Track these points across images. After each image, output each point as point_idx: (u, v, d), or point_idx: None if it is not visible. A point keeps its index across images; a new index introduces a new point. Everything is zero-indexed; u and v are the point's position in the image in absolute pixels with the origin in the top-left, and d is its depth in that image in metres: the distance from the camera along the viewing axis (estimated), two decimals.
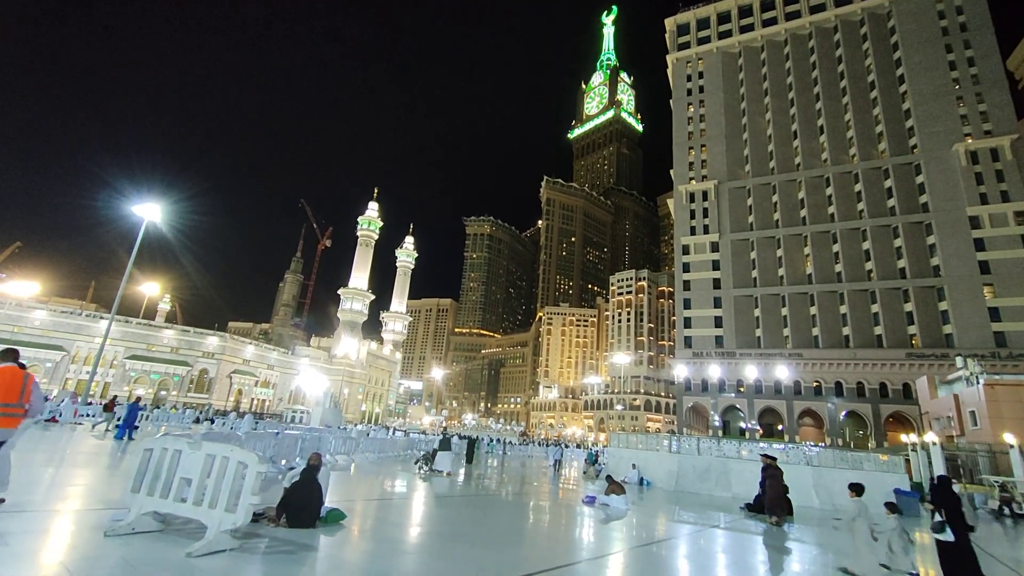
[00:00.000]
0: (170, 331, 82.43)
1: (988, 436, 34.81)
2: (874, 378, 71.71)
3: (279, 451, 15.13)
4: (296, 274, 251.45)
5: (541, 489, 18.75)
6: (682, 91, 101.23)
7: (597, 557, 8.01)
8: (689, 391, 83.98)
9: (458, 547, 7.60)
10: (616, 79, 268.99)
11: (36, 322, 70.76)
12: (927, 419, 51.05)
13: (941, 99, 77.36)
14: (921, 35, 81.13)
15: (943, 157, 74.87)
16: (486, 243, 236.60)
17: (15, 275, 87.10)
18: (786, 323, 79.85)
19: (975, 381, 39.10)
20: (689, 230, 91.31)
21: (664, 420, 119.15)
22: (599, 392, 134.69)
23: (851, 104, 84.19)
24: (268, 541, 6.48)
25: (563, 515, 12.64)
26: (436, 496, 13.77)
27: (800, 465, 19.87)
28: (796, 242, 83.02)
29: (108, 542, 5.59)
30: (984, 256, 68.93)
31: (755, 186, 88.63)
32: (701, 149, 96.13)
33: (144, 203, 30.53)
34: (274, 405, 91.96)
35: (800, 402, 75.42)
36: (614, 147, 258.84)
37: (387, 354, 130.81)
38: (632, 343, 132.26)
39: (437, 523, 9.84)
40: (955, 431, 41.25)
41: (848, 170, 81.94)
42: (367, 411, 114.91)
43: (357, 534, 7.74)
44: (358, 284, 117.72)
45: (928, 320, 70.64)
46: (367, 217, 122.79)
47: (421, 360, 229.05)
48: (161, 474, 6.06)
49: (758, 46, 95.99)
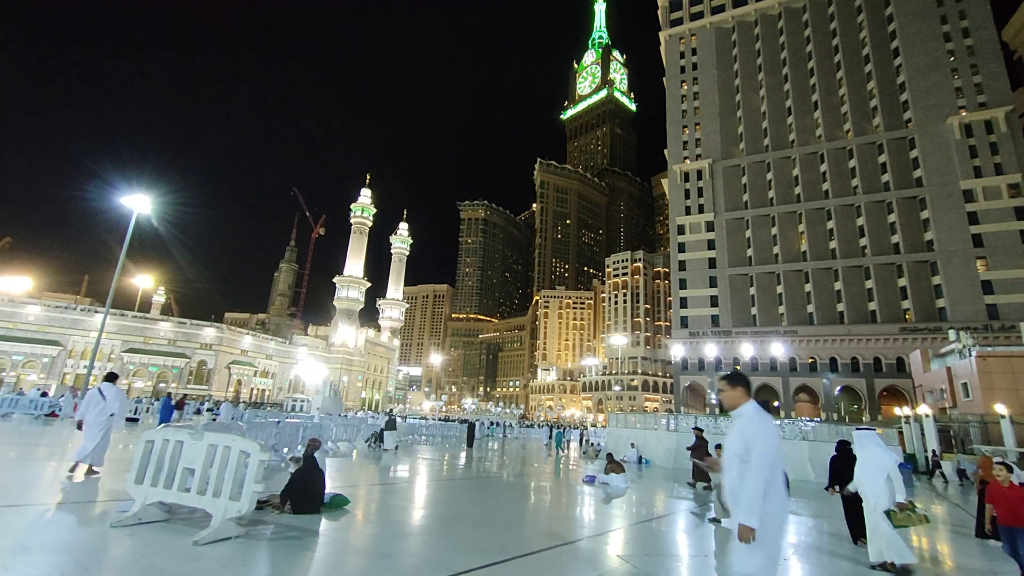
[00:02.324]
0: (166, 323, 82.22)
1: (980, 407, 35.38)
2: (868, 353, 72.55)
3: (281, 439, 15.24)
4: (291, 263, 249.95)
5: (542, 470, 19.01)
6: (675, 68, 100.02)
7: (598, 534, 8.16)
8: (686, 370, 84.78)
9: (461, 528, 7.72)
10: (608, 58, 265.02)
11: (30, 317, 70.37)
12: (920, 392, 51.81)
13: (935, 72, 76.78)
14: (915, 7, 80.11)
15: (937, 131, 74.62)
16: (481, 227, 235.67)
17: (7, 271, 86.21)
18: (781, 301, 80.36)
19: (968, 353, 39.58)
20: (684, 210, 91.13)
21: (662, 399, 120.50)
22: (597, 373, 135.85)
23: (845, 79, 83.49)
24: (273, 527, 6.57)
25: (564, 495, 12.83)
26: (438, 480, 13.95)
27: (796, 440, 20.20)
28: (791, 220, 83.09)
29: (115, 533, 5.65)
30: (977, 229, 69.22)
31: (749, 164, 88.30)
32: (695, 127, 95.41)
33: (134, 195, 30.11)
34: (274, 394, 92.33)
35: (795, 378, 76.34)
36: (607, 127, 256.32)
37: (385, 341, 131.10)
38: (629, 324, 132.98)
39: (440, 506, 9.98)
40: (948, 403, 41.90)
41: (842, 146, 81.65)
42: (367, 398, 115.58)
43: (361, 518, 7.85)
44: (353, 272, 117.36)
45: (922, 294, 71.22)
46: (360, 204, 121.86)
47: (419, 346, 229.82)
48: (164, 465, 6.11)
49: (751, 20, 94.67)
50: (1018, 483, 6.88)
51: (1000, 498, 6.72)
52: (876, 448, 6.93)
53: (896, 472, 6.72)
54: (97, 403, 9.12)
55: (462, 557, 5.95)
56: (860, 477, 7.00)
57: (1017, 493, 6.54)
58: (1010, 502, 6.52)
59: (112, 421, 9.28)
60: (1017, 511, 6.41)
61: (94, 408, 9.07)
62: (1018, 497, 6.49)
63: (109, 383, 9.43)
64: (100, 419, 9.03)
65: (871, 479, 6.79)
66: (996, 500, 6.79)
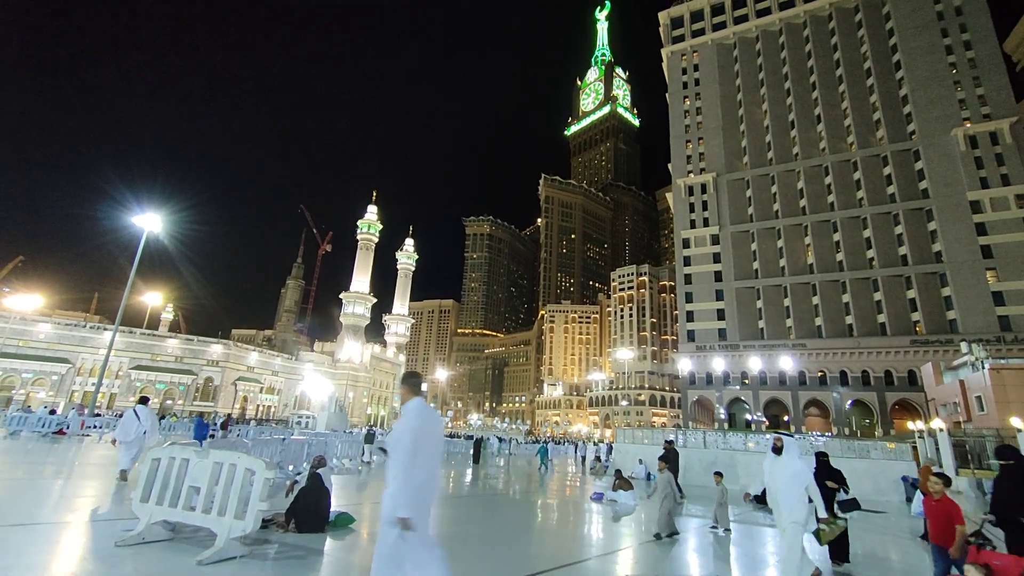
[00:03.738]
0: (174, 340, 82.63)
1: (995, 421, 34.68)
2: (879, 366, 71.56)
3: (286, 457, 15.16)
4: (297, 280, 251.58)
5: (549, 487, 18.77)
6: (678, 84, 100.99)
7: (607, 553, 8.02)
8: (693, 385, 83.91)
9: (469, 546, 7.61)
10: (611, 74, 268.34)
11: (41, 335, 70.98)
12: (933, 406, 50.92)
13: (938, 84, 77.02)
14: (916, 20, 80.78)
15: (942, 142, 74.57)
16: (486, 243, 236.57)
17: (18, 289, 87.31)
18: (789, 314, 79.70)
19: (980, 366, 38.97)
20: (689, 223, 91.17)
21: (670, 414, 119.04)
22: (604, 388, 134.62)
23: (848, 92, 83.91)
24: (278, 547, 6.50)
25: (572, 512, 12.64)
26: (445, 496, 13.79)
27: (807, 456, 19.86)
28: (796, 232, 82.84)
29: (119, 552, 5.62)
30: (986, 240, 68.65)
31: (754, 177, 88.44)
32: (699, 142, 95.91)
33: (144, 214, 30.58)
34: (279, 411, 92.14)
35: (805, 392, 75.30)
36: (611, 143, 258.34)
37: (391, 357, 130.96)
38: (635, 338, 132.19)
39: (447, 523, 9.86)
40: (962, 417, 41.13)
41: (847, 158, 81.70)
42: (372, 414, 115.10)
43: (366, 537, 7.76)
44: (359, 288, 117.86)
45: (931, 306, 70.44)
46: (366, 220, 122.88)
47: (425, 361, 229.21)
48: (170, 483, 6.09)
49: (753, 37, 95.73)
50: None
51: (929, 511, 6.10)
52: (797, 458, 6.26)
53: (815, 485, 6.08)
54: (132, 422, 10.70)
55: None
56: (775, 488, 6.20)
57: (943, 508, 5.83)
58: (938, 517, 5.89)
59: (145, 438, 10.97)
60: (944, 529, 5.71)
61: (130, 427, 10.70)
62: (944, 514, 5.77)
63: (142, 405, 11.12)
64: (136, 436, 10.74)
65: (788, 490, 6.04)
66: (927, 514, 6.24)
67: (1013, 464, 5.29)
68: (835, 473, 7.84)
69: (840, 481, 7.73)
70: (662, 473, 9.98)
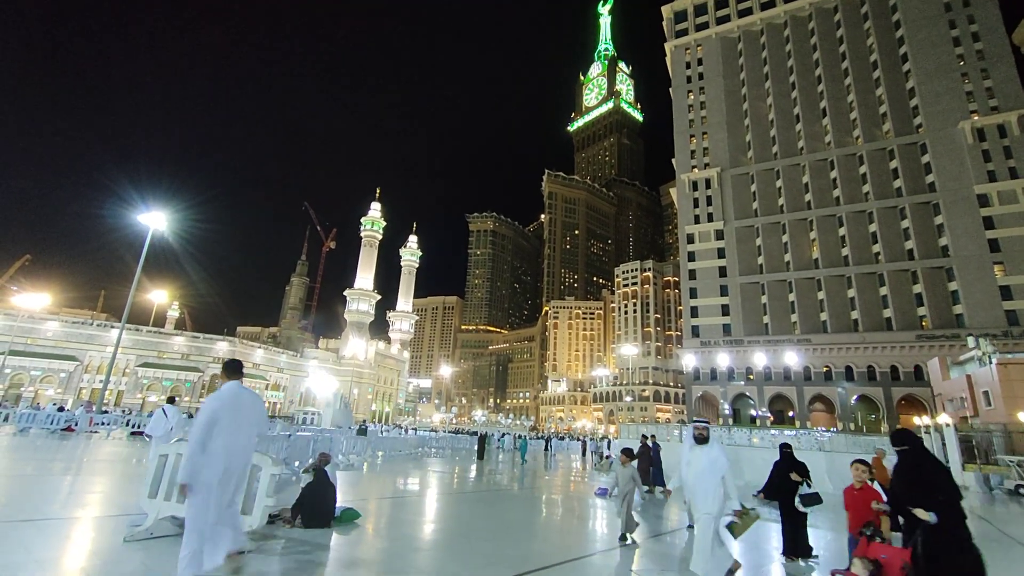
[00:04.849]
0: (180, 338, 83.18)
1: (1002, 416, 34.47)
2: (885, 361, 71.18)
3: (292, 453, 15.24)
4: (302, 277, 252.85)
5: (553, 483, 18.81)
6: (681, 79, 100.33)
7: (611, 548, 8.03)
8: (698, 380, 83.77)
9: (473, 542, 7.64)
10: (614, 69, 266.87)
11: (48, 333, 71.62)
12: (940, 401, 50.64)
13: (945, 76, 76.19)
14: (923, 12, 79.85)
15: (949, 135, 73.83)
16: (489, 239, 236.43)
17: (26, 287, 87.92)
18: (794, 309, 79.34)
19: (988, 361, 38.68)
20: (693, 219, 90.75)
21: (674, 410, 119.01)
22: (608, 384, 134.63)
23: (854, 85, 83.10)
24: (284, 542, 6.55)
25: (576, 508, 12.67)
26: (450, 493, 13.84)
27: (813, 451, 19.83)
28: (802, 227, 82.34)
29: (127, 547, 5.68)
30: (993, 234, 68.00)
31: (758, 172, 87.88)
32: (703, 136, 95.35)
33: (150, 212, 30.73)
34: (285, 408, 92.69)
35: (810, 388, 75.03)
36: (615, 138, 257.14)
37: (395, 353, 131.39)
38: (639, 334, 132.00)
39: (452, 519, 9.90)
40: (969, 412, 40.89)
41: (852, 152, 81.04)
42: (377, 410, 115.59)
43: (372, 532, 7.81)
44: (363, 285, 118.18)
45: (938, 301, 69.92)
46: (370, 217, 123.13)
47: (429, 358, 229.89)
48: (177, 479, 6.14)
49: (757, 30, 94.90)
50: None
51: (850, 502, 5.81)
52: (716, 447, 6.06)
53: (730, 475, 5.87)
54: (160, 419, 11.32)
55: (473, 572, 5.89)
56: (692, 478, 6.00)
57: (864, 498, 5.58)
58: (857, 507, 5.57)
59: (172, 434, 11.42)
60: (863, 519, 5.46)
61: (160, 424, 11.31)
62: (864, 503, 5.54)
63: (170, 404, 11.79)
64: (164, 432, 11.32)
65: (704, 479, 5.85)
66: (847, 505, 5.93)
67: (908, 449, 4.89)
68: (799, 465, 7.66)
69: (804, 474, 7.55)
70: (624, 468, 8.84)
